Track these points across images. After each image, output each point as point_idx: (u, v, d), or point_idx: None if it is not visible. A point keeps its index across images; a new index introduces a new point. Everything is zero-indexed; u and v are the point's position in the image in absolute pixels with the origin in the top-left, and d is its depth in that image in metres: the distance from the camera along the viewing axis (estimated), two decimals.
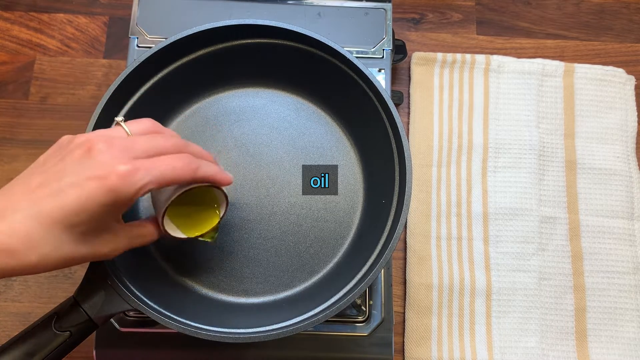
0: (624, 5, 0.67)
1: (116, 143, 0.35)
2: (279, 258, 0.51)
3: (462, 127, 0.61)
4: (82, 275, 0.42)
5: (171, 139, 0.38)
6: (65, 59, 0.63)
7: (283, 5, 0.59)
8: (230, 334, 0.42)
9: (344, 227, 0.52)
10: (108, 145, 0.35)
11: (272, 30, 0.48)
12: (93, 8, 0.65)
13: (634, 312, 0.57)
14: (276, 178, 0.52)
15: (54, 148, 0.37)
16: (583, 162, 0.61)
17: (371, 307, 0.52)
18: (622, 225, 0.59)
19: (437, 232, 0.58)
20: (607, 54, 0.65)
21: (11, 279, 0.56)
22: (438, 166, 0.60)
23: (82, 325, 0.40)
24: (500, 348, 0.55)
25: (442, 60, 0.63)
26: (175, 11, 0.58)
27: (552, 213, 0.59)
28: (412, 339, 0.55)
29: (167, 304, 0.44)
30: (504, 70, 0.62)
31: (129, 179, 0.34)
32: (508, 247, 0.58)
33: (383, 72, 0.57)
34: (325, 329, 0.51)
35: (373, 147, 0.50)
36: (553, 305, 0.56)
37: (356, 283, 0.44)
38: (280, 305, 0.49)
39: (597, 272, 0.58)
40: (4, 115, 0.61)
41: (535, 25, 0.66)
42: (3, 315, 0.55)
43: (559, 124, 0.62)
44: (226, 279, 0.50)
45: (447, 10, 0.66)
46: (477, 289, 0.56)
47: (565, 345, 0.56)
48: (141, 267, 0.48)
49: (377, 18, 0.58)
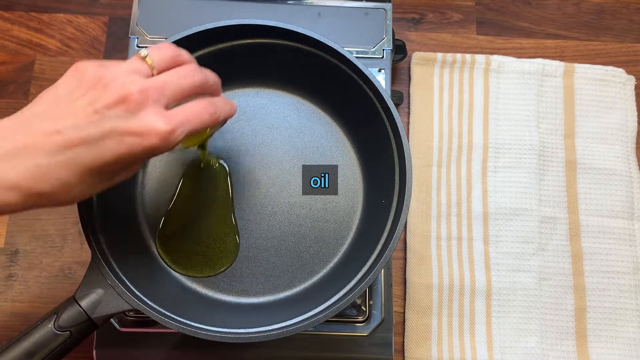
0: (624, 5, 0.67)
1: (150, 94, 0.34)
2: (279, 258, 0.51)
3: (462, 127, 0.61)
4: (82, 275, 0.42)
5: (195, 75, 0.38)
6: (65, 59, 0.63)
7: (283, 5, 0.59)
8: (230, 334, 0.42)
9: (344, 227, 0.52)
10: (143, 96, 0.34)
11: (272, 30, 0.48)
12: (93, 8, 0.65)
13: (634, 312, 0.57)
14: (276, 178, 0.52)
15: (72, 79, 0.35)
16: (583, 162, 0.61)
17: (371, 307, 0.52)
18: (622, 225, 0.59)
19: (437, 232, 0.58)
20: (607, 54, 0.65)
21: (11, 278, 0.56)
22: (438, 166, 0.60)
23: (82, 325, 0.40)
24: (500, 348, 0.55)
25: (442, 60, 0.63)
26: (175, 11, 0.58)
27: (552, 213, 0.59)
28: (412, 339, 0.55)
29: (167, 304, 0.44)
30: (504, 70, 0.62)
31: (167, 138, 0.34)
32: (508, 247, 0.58)
33: (383, 72, 0.57)
34: (325, 329, 0.51)
35: (373, 147, 0.50)
36: (553, 305, 0.56)
37: (356, 283, 0.44)
38: (280, 305, 0.49)
39: (597, 272, 0.58)
40: (4, 115, 0.60)
41: (535, 25, 0.66)
42: (3, 315, 0.55)
43: (559, 124, 0.62)
44: (226, 279, 0.50)
45: (447, 10, 0.66)
46: (477, 289, 0.56)
47: (566, 345, 0.56)
48: (141, 267, 0.48)
49: (377, 18, 0.58)
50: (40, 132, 0.33)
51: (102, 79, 0.34)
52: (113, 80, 0.34)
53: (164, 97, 0.35)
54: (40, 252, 0.57)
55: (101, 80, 0.34)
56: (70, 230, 0.57)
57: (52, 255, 0.57)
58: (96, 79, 0.34)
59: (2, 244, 0.57)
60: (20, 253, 0.57)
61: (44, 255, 0.57)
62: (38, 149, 0.32)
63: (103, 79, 0.34)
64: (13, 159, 0.32)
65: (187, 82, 0.37)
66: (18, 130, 0.33)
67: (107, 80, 0.34)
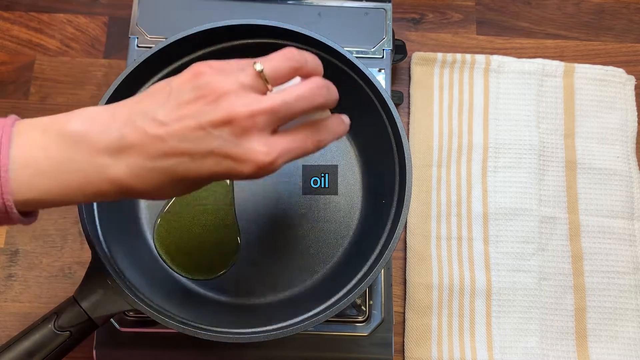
0: (624, 5, 0.67)
1: (258, 120, 0.32)
2: (279, 258, 0.51)
3: (462, 127, 0.61)
4: (82, 275, 0.42)
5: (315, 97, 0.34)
6: (65, 59, 0.63)
7: (283, 5, 0.59)
8: (230, 334, 0.42)
9: (344, 227, 0.52)
10: (251, 122, 0.32)
11: (272, 30, 0.48)
12: (93, 8, 0.65)
13: (634, 312, 0.57)
14: (276, 178, 0.52)
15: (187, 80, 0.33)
16: (583, 162, 0.61)
17: (371, 307, 0.52)
18: (622, 225, 0.59)
19: (437, 232, 0.58)
20: (607, 54, 0.65)
21: (11, 278, 0.56)
22: (438, 166, 0.60)
23: (82, 325, 0.40)
24: (501, 348, 0.55)
25: (442, 60, 0.63)
26: (175, 11, 0.58)
27: (552, 213, 0.59)
28: (412, 339, 0.55)
29: (167, 304, 0.44)
30: (504, 70, 0.62)
31: (265, 168, 0.33)
32: (508, 247, 0.58)
33: (383, 72, 0.57)
34: (325, 329, 0.51)
35: (373, 147, 0.50)
36: (553, 305, 0.56)
37: (356, 283, 0.44)
38: (280, 305, 0.49)
39: (597, 272, 0.58)
40: (4, 115, 0.61)
41: (536, 25, 0.66)
42: (3, 315, 0.55)
43: (559, 124, 0.62)
44: (226, 279, 0.50)
45: (447, 10, 0.66)
46: (477, 289, 0.56)
47: (566, 345, 0.56)
48: (141, 267, 0.48)
49: (377, 18, 0.58)
50: (145, 131, 0.32)
51: (215, 90, 0.32)
52: (225, 95, 0.32)
53: (272, 123, 0.33)
54: (40, 252, 0.57)
55: (214, 91, 0.33)
56: (70, 230, 0.57)
57: (52, 255, 0.57)
58: (209, 88, 0.33)
59: (2, 244, 0.57)
60: (20, 253, 0.57)
61: (44, 255, 0.57)
62: (142, 151, 0.32)
63: (216, 90, 0.32)
64: (118, 155, 0.32)
65: (301, 106, 0.34)
66: (124, 122, 0.33)
67: (219, 93, 0.32)
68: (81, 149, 0.32)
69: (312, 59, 0.36)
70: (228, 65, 0.34)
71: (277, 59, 0.34)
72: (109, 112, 0.34)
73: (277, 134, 0.34)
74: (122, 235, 0.48)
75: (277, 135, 0.34)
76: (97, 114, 0.34)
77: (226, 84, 0.33)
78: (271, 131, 0.34)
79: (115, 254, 0.44)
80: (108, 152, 0.32)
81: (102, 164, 0.32)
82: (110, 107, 0.34)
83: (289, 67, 0.34)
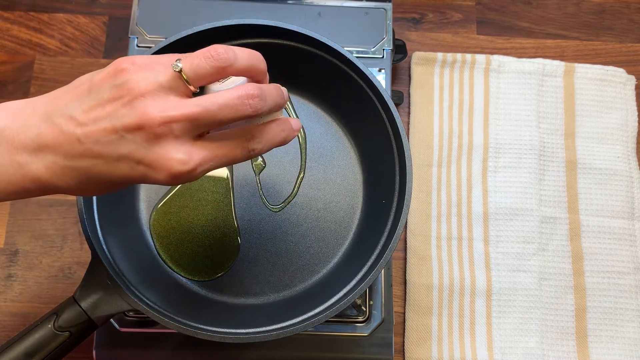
0: (625, 5, 0.67)
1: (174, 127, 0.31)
2: (279, 258, 0.51)
3: (462, 127, 0.61)
4: (82, 275, 0.42)
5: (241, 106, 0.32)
6: (65, 59, 0.63)
7: (283, 5, 0.59)
8: (230, 334, 0.42)
9: (344, 227, 0.52)
10: (165, 129, 0.31)
11: (272, 30, 0.48)
12: (93, 8, 0.64)
13: (634, 312, 0.57)
14: (276, 178, 0.52)
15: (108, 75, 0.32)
16: (583, 162, 0.60)
17: (371, 308, 0.52)
18: (622, 225, 0.59)
19: (438, 232, 0.58)
20: (607, 53, 0.65)
21: (11, 278, 0.56)
22: (438, 166, 0.60)
23: (82, 325, 0.40)
24: (501, 348, 0.55)
25: (442, 60, 0.63)
26: (175, 11, 0.58)
27: (552, 213, 0.59)
28: (412, 339, 0.55)
29: (167, 304, 0.44)
30: (504, 70, 0.62)
31: (181, 177, 0.32)
32: (508, 247, 0.57)
33: (383, 72, 0.57)
34: (325, 329, 0.51)
35: (373, 147, 0.50)
36: (553, 306, 0.56)
37: (356, 283, 0.44)
38: (280, 305, 0.49)
39: (598, 272, 0.58)
40: None
41: (536, 25, 0.66)
42: (3, 315, 0.55)
43: (559, 124, 0.62)
44: (226, 279, 0.50)
45: (447, 10, 0.66)
46: (477, 289, 0.56)
47: (566, 346, 0.56)
48: (141, 267, 0.48)
49: (377, 18, 0.58)
50: (62, 130, 0.32)
51: (132, 90, 0.31)
52: (141, 96, 0.31)
53: (193, 130, 0.32)
54: (40, 252, 0.57)
55: (131, 91, 0.31)
56: (70, 230, 0.57)
57: (52, 255, 0.57)
58: (127, 88, 0.31)
59: (2, 244, 0.57)
60: (20, 253, 0.57)
61: (44, 255, 0.57)
62: (59, 150, 0.32)
63: (133, 91, 0.31)
64: (36, 153, 0.32)
65: (227, 115, 0.32)
66: (43, 117, 0.33)
67: (135, 94, 0.31)
68: (1, 145, 0.33)
69: (245, 56, 0.33)
70: (153, 62, 0.32)
71: (197, 58, 0.32)
72: (31, 106, 0.34)
73: (203, 139, 0.33)
74: (122, 236, 0.48)
75: (200, 142, 0.32)
76: (19, 108, 0.34)
77: (144, 84, 0.31)
78: (194, 137, 0.32)
79: (115, 255, 0.44)
80: (27, 150, 0.32)
81: (21, 161, 0.32)
82: (32, 100, 0.34)
83: (210, 66, 0.32)
